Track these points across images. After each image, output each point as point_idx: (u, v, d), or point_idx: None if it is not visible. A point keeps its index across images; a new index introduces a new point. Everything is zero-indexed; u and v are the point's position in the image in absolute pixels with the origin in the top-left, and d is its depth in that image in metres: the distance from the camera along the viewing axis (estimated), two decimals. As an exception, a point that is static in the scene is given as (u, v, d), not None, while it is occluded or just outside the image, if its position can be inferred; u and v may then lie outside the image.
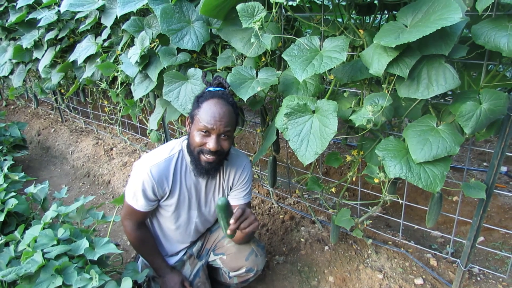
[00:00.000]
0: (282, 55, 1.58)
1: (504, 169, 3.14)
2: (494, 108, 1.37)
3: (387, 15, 1.83)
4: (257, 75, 1.79)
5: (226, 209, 1.56)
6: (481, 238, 2.57)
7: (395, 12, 1.67)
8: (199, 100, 1.62)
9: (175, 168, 1.73)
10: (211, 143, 1.57)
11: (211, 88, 1.66)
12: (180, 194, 1.78)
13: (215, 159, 1.63)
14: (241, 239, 1.84)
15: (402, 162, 1.48)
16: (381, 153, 1.53)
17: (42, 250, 1.53)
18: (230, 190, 1.91)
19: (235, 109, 1.64)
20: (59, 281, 1.41)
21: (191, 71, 1.92)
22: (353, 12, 1.77)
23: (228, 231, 1.57)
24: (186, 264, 1.97)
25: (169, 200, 1.78)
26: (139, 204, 1.71)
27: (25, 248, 1.58)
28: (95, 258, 1.58)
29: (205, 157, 1.62)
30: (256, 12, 1.56)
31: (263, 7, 1.55)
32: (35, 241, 1.60)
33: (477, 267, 2.15)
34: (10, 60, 3.79)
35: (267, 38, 1.57)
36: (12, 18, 3.37)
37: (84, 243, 1.62)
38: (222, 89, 1.67)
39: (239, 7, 1.56)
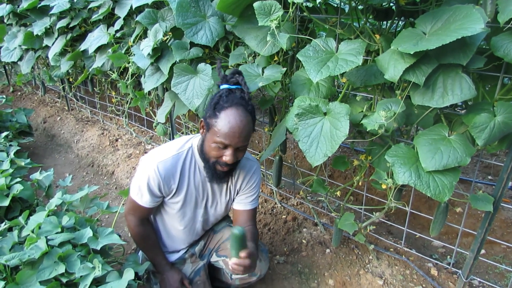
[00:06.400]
0: (297, 55, 1.57)
1: (510, 183, 3.12)
2: (509, 122, 1.35)
3: (404, 22, 1.82)
4: (263, 72, 1.79)
5: (242, 240, 1.46)
6: (482, 251, 2.56)
7: (413, 19, 1.67)
8: (216, 107, 1.50)
9: (183, 166, 1.70)
10: (228, 157, 1.54)
11: (226, 86, 1.57)
12: (187, 192, 1.75)
13: (230, 169, 1.64)
14: None
15: (412, 170, 1.47)
16: (391, 159, 1.52)
17: (46, 237, 1.53)
18: (237, 194, 1.88)
19: (253, 117, 1.57)
20: (62, 268, 1.41)
21: (201, 66, 1.91)
22: (370, 17, 1.76)
23: (234, 265, 1.48)
24: (187, 262, 1.94)
25: (175, 198, 1.75)
26: (144, 200, 1.68)
27: (29, 234, 1.58)
28: (98, 248, 1.58)
29: (220, 167, 1.61)
30: (273, 10, 1.55)
31: (280, 6, 1.54)
32: (39, 228, 1.60)
33: (478, 279, 2.14)
34: (20, 46, 3.80)
35: (283, 37, 1.57)
36: (24, 4, 3.37)
37: (88, 232, 1.62)
38: (238, 86, 1.58)
39: (256, 4, 1.55)
